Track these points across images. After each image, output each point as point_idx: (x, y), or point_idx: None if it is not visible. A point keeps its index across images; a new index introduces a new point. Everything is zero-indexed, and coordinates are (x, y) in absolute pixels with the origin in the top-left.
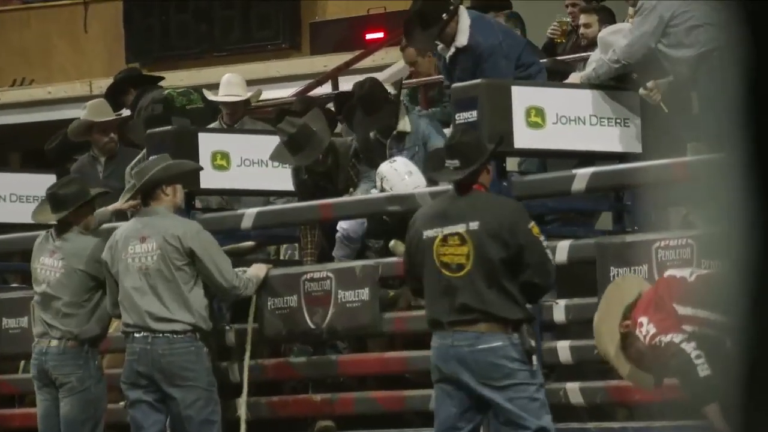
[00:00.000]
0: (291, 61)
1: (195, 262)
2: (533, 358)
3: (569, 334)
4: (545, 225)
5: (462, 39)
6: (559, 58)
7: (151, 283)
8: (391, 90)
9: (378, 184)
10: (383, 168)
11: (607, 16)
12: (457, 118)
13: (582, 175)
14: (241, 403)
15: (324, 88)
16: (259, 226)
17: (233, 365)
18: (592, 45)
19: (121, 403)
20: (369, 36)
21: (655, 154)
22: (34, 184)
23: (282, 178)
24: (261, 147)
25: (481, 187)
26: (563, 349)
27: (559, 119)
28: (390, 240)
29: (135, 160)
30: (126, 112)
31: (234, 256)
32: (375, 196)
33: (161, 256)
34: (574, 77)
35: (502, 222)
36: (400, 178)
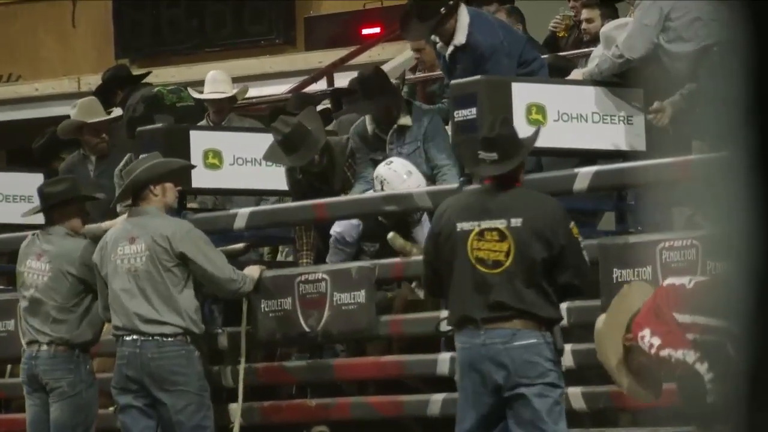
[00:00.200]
0: (285, 57)
1: (187, 264)
2: (561, 360)
3: (571, 338)
4: None
5: (460, 37)
6: (561, 54)
7: (140, 285)
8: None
9: (377, 187)
10: (381, 170)
11: (610, 11)
12: (455, 115)
13: (584, 174)
14: (237, 408)
15: (319, 85)
16: (253, 226)
17: (226, 369)
18: (594, 41)
19: (111, 408)
20: (365, 31)
21: (659, 153)
22: (21, 183)
23: (276, 177)
24: (254, 145)
25: (520, 183)
26: (565, 352)
27: (560, 116)
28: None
29: (122, 162)
30: (117, 111)
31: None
32: (371, 195)
33: (150, 257)
34: (576, 74)
35: (546, 221)
36: (400, 180)
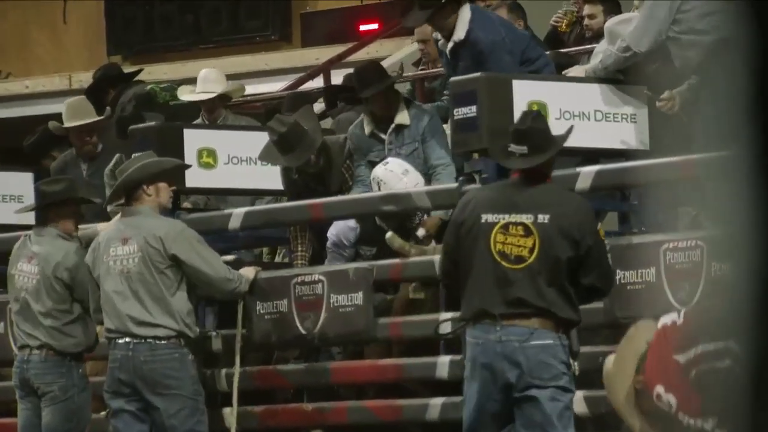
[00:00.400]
0: (281, 54)
1: (181, 265)
2: (574, 364)
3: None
4: None
5: (460, 33)
6: (563, 50)
7: (132, 286)
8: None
9: (375, 190)
10: (378, 172)
11: (613, 7)
12: (455, 113)
13: (586, 173)
14: (232, 413)
15: (316, 82)
16: (248, 226)
17: (220, 373)
18: (596, 37)
19: (103, 413)
20: (363, 27)
21: (663, 152)
22: (11, 182)
23: (272, 177)
24: (249, 144)
25: (550, 179)
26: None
27: (562, 114)
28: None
29: (112, 162)
30: (109, 111)
31: None
32: (368, 195)
33: (143, 258)
34: (578, 70)
35: (574, 219)
36: (396, 179)
